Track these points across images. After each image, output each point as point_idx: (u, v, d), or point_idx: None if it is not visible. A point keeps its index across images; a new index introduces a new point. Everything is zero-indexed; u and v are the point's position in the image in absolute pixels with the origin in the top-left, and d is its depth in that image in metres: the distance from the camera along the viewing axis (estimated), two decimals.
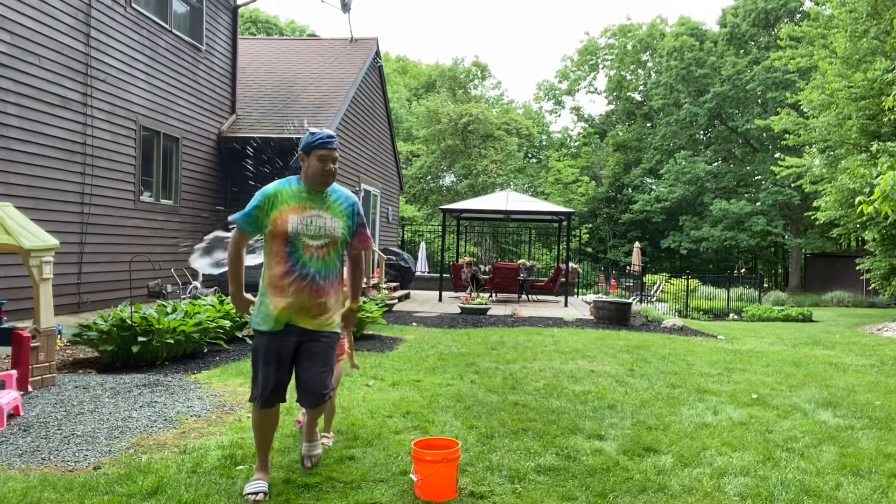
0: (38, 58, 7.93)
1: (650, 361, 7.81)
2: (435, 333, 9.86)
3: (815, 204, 18.53)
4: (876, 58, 15.83)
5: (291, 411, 4.81)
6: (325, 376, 3.54)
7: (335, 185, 3.62)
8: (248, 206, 3.48)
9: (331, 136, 3.52)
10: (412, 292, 17.56)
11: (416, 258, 21.90)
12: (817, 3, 21.97)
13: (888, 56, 15.67)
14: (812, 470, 4.06)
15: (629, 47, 42.31)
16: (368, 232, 3.77)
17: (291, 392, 3.70)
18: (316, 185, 3.50)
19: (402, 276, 16.98)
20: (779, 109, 25.01)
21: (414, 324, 11.09)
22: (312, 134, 3.52)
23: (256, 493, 3.37)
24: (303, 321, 3.49)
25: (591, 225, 38.78)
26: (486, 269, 19.65)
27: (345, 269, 3.79)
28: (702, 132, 38.90)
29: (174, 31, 10.88)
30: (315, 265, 3.48)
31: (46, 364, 5.69)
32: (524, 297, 16.87)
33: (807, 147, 20.59)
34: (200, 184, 11.85)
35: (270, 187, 3.52)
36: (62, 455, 3.97)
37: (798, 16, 33.95)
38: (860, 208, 9.74)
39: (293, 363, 3.55)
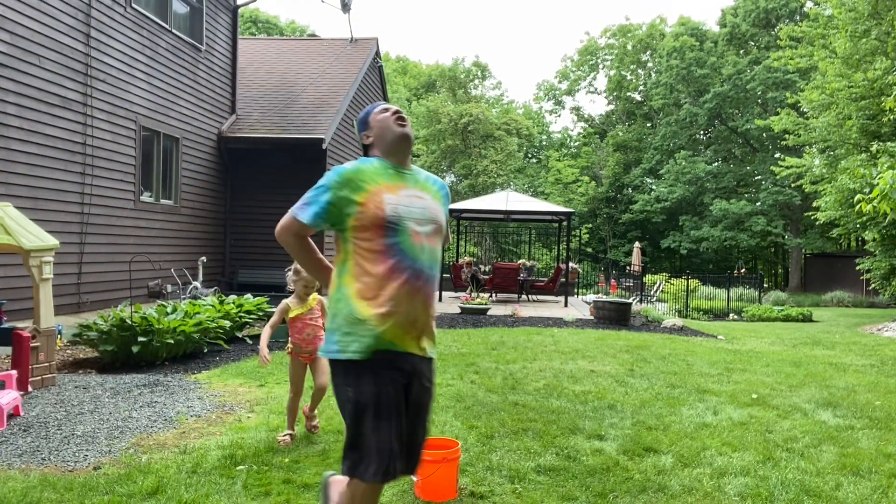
0: (38, 58, 7.93)
1: (650, 361, 7.81)
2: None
3: (815, 204, 18.54)
4: (876, 58, 15.82)
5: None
6: (428, 427, 2.66)
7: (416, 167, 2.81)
8: (318, 195, 2.57)
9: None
10: None
11: None
12: (817, 4, 21.96)
13: (889, 56, 15.67)
14: (812, 470, 4.06)
15: (629, 47, 42.32)
16: None
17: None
18: (397, 147, 2.63)
19: None
20: (779, 109, 25.00)
21: None
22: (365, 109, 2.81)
23: None
24: (411, 344, 2.50)
25: (591, 225, 38.77)
26: (486, 269, 19.64)
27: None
28: (702, 132, 38.90)
29: (174, 31, 10.88)
30: (427, 260, 2.54)
31: (46, 364, 5.69)
32: (524, 297, 16.86)
33: (807, 147, 20.59)
34: (200, 184, 11.84)
35: (347, 167, 2.59)
36: (62, 455, 3.97)
37: (798, 16, 33.95)
38: (859, 207, 9.75)
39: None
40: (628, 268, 27.05)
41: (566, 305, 15.53)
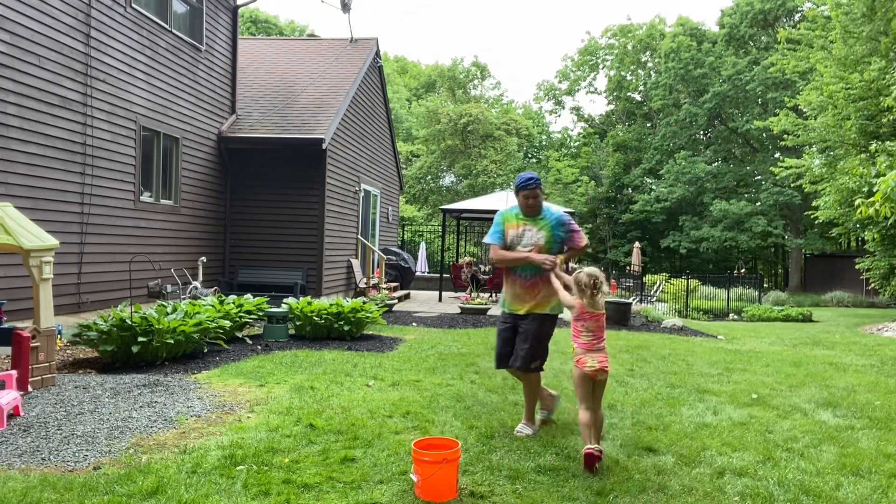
0: (38, 58, 7.93)
1: (650, 361, 7.81)
2: (435, 333, 9.86)
3: (814, 203, 18.53)
4: (873, 59, 15.81)
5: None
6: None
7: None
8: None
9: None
10: (412, 292, 17.56)
11: (416, 258, 21.90)
12: (816, 5, 21.93)
13: (885, 56, 15.65)
14: (812, 470, 4.06)
15: (629, 47, 42.27)
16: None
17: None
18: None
19: (402, 276, 16.98)
20: (777, 110, 24.95)
21: (414, 324, 11.09)
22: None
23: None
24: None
25: (591, 225, 38.75)
26: (486, 269, 19.64)
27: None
28: (702, 132, 38.86)
29: (174, 31, 10.88)
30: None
31: (46, 364, 5.69)
32: None
33: (806, 147, 20.59)
34: (200, 184, 11.84)
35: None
36: (62, 455, 3.97)
37: (797, 16, 33.94)
38: (859, 210, 9.74)
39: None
40: (628, 268, 27.04)
41: None
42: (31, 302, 6.55)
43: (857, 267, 18.22)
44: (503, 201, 16.78)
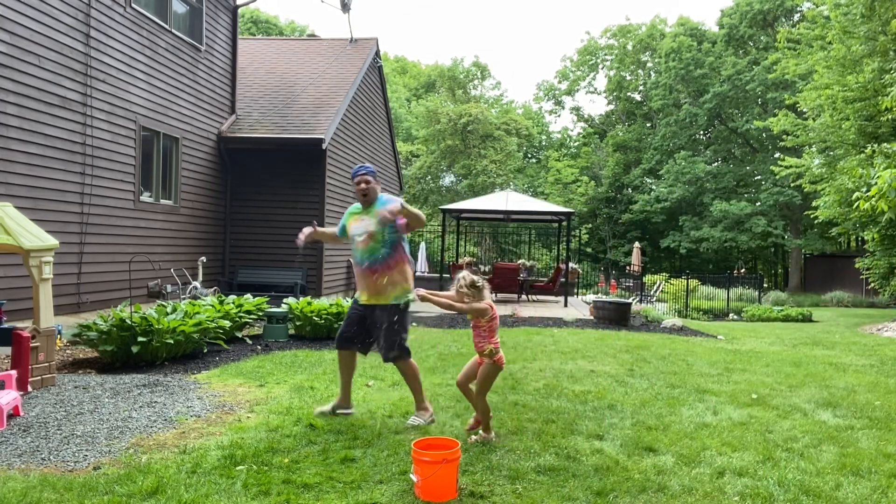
0: (38, 58, 7.93)
1: (650, 361, 7.81)
2: (435, 333, 9.86)
3: (814, 203, 18.54)
4: (871, 59, 15.79)
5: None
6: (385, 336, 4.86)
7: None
8: None
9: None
10: None
11: (416, 258, 21.88)
12: (815, 5, 21.92)
13: (883, 55, 15.62)
14: (812, 470, 4.06)
15: (629, 47, 42.29)
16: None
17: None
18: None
19: None
20: (777, 110, 24.93)
21: (414, 324, 11.08)
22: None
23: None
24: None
25: (590, 225, 38.76)
26: (486, 269, 19.64)
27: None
28: (701, 132, 38.87)
29: (174, 31, 10.88)
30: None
31: (46, 364, 5.69)
32: (524, 297, 16.86)
33: (806, 147, 20.58)
34: (200, 184, 11.84)
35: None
36: (62, 455, 3.97)
37: (796, 16, 33.94)
38: (857, 204, 9.77)
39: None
40: (628, 268, 27.05)
41: (566, 305, 15.53)
42: (31, 302, 6.55)
43: (856, 267, 18.23)
44: (503, 201, 16.81)
